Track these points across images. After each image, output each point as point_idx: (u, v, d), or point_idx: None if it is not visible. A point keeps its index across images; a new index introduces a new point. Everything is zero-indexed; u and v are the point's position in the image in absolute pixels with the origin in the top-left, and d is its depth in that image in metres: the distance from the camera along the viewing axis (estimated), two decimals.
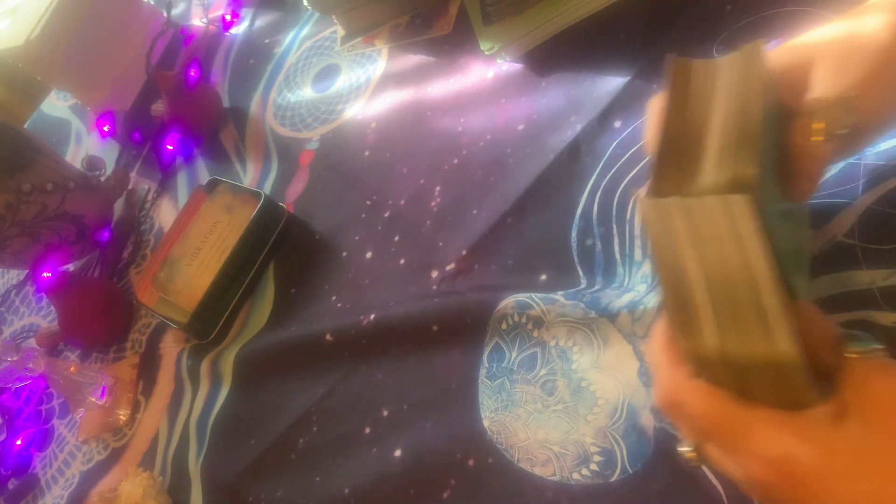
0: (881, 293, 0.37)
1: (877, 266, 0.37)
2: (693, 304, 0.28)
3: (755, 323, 0.27)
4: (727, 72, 0.32)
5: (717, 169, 0.29)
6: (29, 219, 0.80)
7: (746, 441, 0.28)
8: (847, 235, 0.39)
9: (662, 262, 0.29)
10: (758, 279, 0.27)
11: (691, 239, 0.28)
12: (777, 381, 0.27)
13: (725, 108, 0.31)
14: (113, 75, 1.06)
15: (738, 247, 0.27)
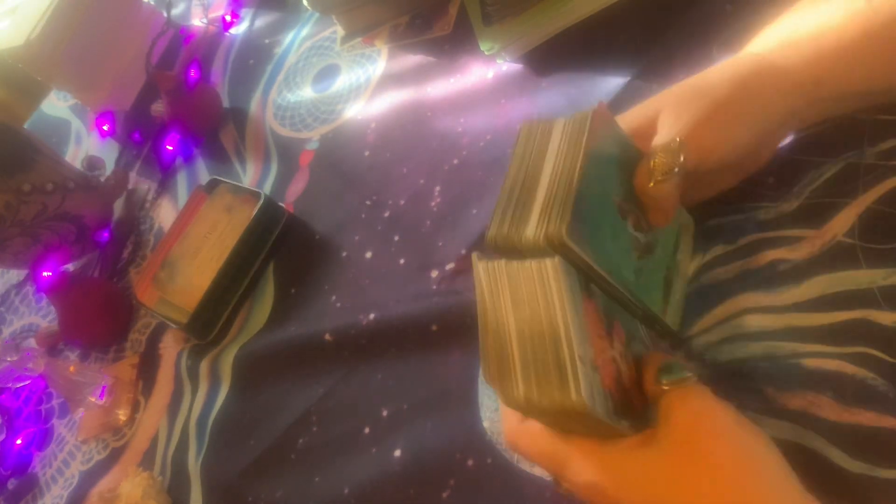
0: (881, 292, 0.37)
1: (877, 265, 0.37)
2: (507, 357, 0.32)
3: (554, 374, 0.30)
4: (558, 136, 0.37)
5: (537, 225, 0.33)
6: (29, 219, 0.80)
7: (566, 471, 0.33)
8: (847, 235, 0.39)
9: (487, 317, 0.33)
10: (560, 335, 0.31)
11: (512, 298, 0.32)
12: (582, 421, 0.31)
13: (551, 170, 0.35)
14: (113, 75, 1.06)
15: (547, 306, 0.31)
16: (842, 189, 0.40)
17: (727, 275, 0.42)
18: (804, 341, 0.38)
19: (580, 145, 0.35)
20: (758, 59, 0.39)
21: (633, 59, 0.55)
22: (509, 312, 0.32)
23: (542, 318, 0.31)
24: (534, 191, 0.35)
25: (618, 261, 0.35)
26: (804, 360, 0.38)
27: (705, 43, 0.52)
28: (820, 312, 0.38)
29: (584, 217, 0.33)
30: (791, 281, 0.40)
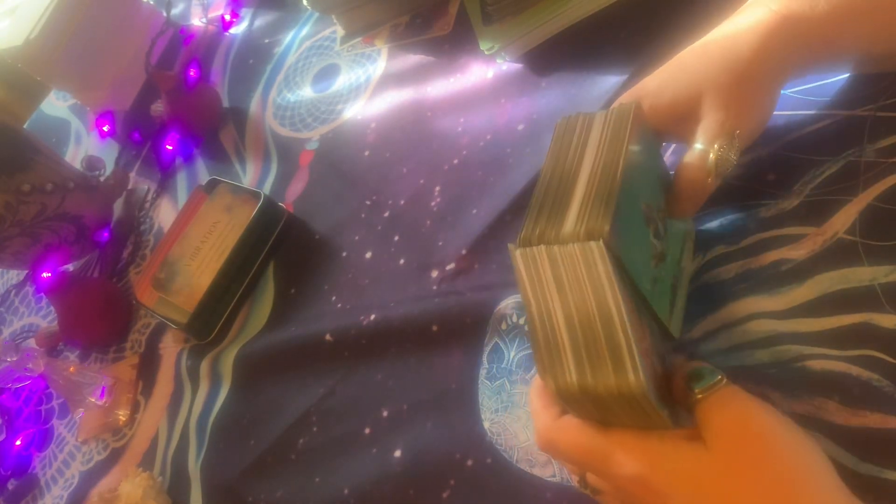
0: (882, 290, 0.37)
1: (878, 262, 0.37)
2: (557, 344, 0.31)
3: (609, 358, 0.30)
4: (599, 130, 0.36)
5: (576, 222, 0.33)
6: (28, 219, 0.80)
7: (609, 465, 0.32)
8: (848, 232, 0.39)
9: (531, 307, 0.32)
10: (612, 318, 0.30)
11: (556, 284, 0.32)
12: (631, 409, 0.31)
13: (591, 164, 0.35)
14: (112, 75, 1.05)
15: (595, 289, 0.31)
16: (842, 186, 0.40)
17: (728, 274, 0.42)
18: (809, 345, 0.38)
19: (623, 140, 0.34)
20: (779, 19, 0.37)
21: (633, 58, 0.55)
22: (554, 299, 0.32)
23: (591, 302, 0.30)
24: (572, 186, 0.34)
25: (640, 268, 0.35)
26: (810, 363, 0.38)
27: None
28: (824, 316, 0.38)
29: (622, 216, 0.33)
30: (794, 281, 0.40)
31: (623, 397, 0.30)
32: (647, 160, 0.37)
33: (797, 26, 0.37)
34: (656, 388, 0.32)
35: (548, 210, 0.34)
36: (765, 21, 0.37)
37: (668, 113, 0.38)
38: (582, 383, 0.30)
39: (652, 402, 0.30)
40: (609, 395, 0.30)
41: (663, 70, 0.40)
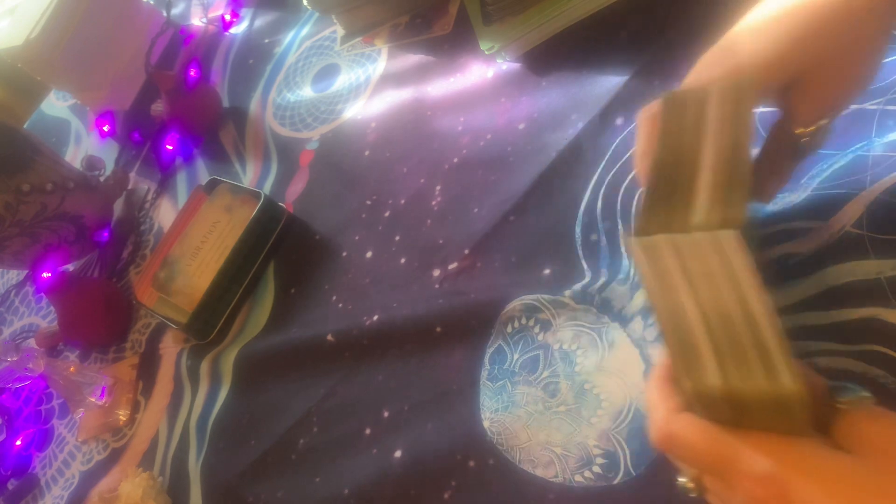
0: (889, 283, 0.37)
1: (885, 256, 0.37)
2: (693, 342, 0.28)
3: (757, 360, 0.27)
4: (718, 106, 0.32)
5: (708, 209, 0.30)
6: (28, 219, 0.80)
7: (738, 462, 0.28)
8: (855, 226, 0.39)
9: (659, 302, 0.29)
10: (755, 315, 0.27)
11: (684, 276, 0.28)
12: (777, 417, 0.27)
13: (716, 145, 0.31)
14: (112, 75, 1.05)
15: (732, 283, 0.27)
16: (850, 180, 0.40)
17: None
18: (815, 339, 0.38)
19: (747, 118, 0.31)
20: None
21: (633, 57, 0.55)
22: (685, 293, 0.29)
23: (728, 297, 0.27)
24: (695, 170, 0.31)
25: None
26: (816, 359, 0.38)
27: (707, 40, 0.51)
28: (831, 310, 0.38)
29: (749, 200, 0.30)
30: (800, 274, 0.40)
31: (775, 402, 0.27)
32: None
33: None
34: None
35: (667, 197, 0.31)
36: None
37: (764, 83, 0.34)
38: (726, 387, 0.27)
39: (806, 409, 0.27)
40: (758, 400, 0.27)
41: (760, 30, 0.34)
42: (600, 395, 0.44)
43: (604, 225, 0.49)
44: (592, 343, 0.46)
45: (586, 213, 0.51)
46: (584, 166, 0.53)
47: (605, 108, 0.54)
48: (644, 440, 0.41)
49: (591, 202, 0.51)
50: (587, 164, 0.53)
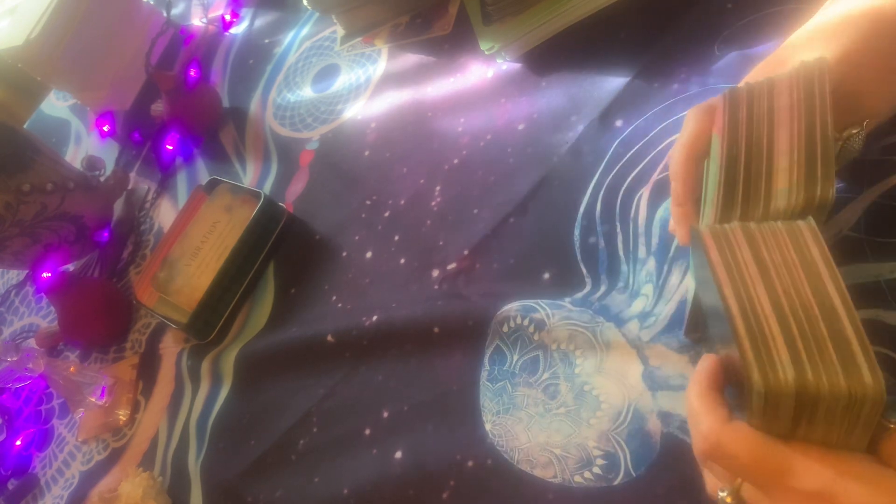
0: (888, 286, 0.37)
1: (883, 259, 0.37)
2: (766, 334, 0.27)
3: (835, 354, 0.26)
4: (788, 91, 0.32)
5: (788, 193, 0.29)
6: (28, 219, 0.80)
7: (786, 476, 0.27)
8: (853, 229, 0.39)
9: (727, 293, 0.28)
10: (835, 308, 0.26)
11: (759, 266, 0.27)
12: (842, 421, 0.26)
13: (790, 131, 0.31)
14: (112, 75, 1.05)
15: (810, 274, 0.26)
16: (847, 184, 0.40)
17: None
18: None
19: (820, 98, 0.30)
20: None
21: (633, 57, 0.55)
22: (757, 283, 0.27)
23: (806, 288, 0.26)
24: (770, 157, 0.30)
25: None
26: None
27: (706, 41, 0.51)
28: None
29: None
30: None
31: (849, 400, 0.25)
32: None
33: None
34: None
35: (745, 189, 0.30)
36: None
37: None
38: (801, 381, 0.25)
39: (879, 410, 0.25)
40: (832, 396, 0.25)
41: (805, 41, 0.35)
42: (599, 397, 0.44)
43: (602, 228, 0.49)
44: (589, 344, 0.46)
45: (585, 216, 0.51)
46: (584, 168, 0.53)
47: (605, 110, 0.54)
48: (644, 441, 0.41)
49: (590, 205, 0.51)
50: (586, 167, 0.53)
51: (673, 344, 0.43)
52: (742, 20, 0.50)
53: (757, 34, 0.49)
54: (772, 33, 0.48)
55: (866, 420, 0.26)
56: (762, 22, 0.49)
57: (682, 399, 0.41)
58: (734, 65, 0.49)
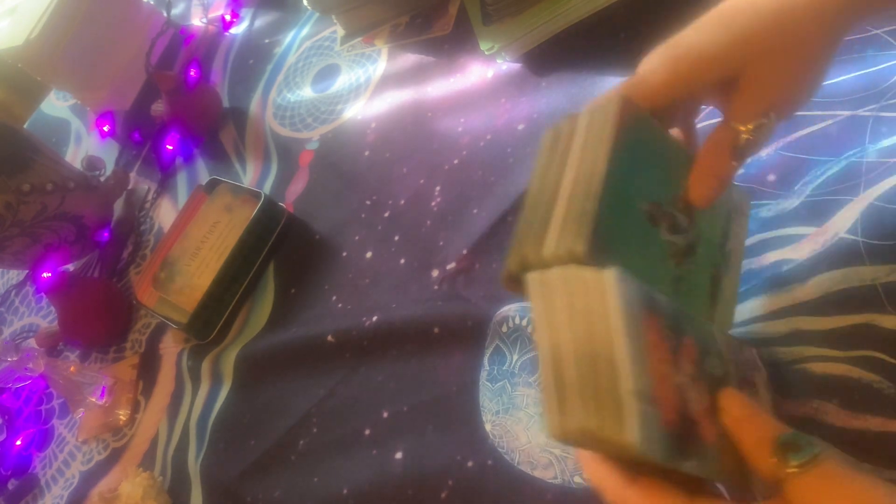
0: (884, 289, 0.37)
1: (879, 262, 0.37)
2: (563, 378, 0.28)
3: (612, 406, 0.26)
4: (584, 132, 0.32)
5: (557, 242, 0.29)
6: (28, 219, 0.80)
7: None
8: (849, 232, 0.39)
9: (541, 336, 0.29)
10: (616, 361, 0.26)
11: (568, 311, 0.28)
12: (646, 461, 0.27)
13: (574, 174, 0.31)
14: (112, 75, 1.05)
15: (605, 324, 0.27)
16: (844, 186, 0.40)
17: None
18: (810, 345, 0.38)
19: (604, 143, 0.30)
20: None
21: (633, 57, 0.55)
22: (565, 327, 0.28)
23: (600, 337, 0.27)
24: (553, 201, 0.30)
25: (651, 274, 0.31)
26: (810, 365, 0.38)
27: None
28: (826, 316, 0.38)
29: (610, 228, 0.29)
30: (795, 281, 0.40)
31: (624, 450, 0.26)
32: (646, 153, 0.32)
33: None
34: (683, 428, 0.27)
35: (532, 229, 0.31)
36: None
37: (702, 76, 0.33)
38: (584, 427, 0.27)
39: (655, 460, 0.26)
40: (611, 445, 0.26)
41: (703, 25, 0.34)
42: None
43: None
44: None
45: None
46: None
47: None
48: None
49: None
50: None
51: None
52: None
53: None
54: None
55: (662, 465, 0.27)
56: None
57: None
58: None
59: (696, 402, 0.29)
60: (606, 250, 0.29)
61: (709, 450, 0.28)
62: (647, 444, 0.26)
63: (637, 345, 0.27)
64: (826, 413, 0.36)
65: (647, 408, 0.26)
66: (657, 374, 0.27)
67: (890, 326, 0.36)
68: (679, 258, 0.33)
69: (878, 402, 0.35)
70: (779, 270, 0.41)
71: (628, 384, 0.26)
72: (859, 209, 0.39)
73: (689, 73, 0.33)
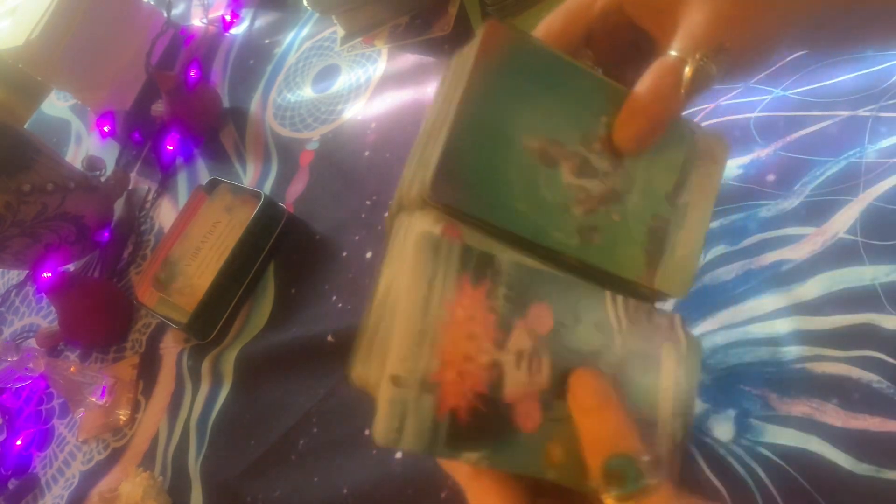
0: (883, 290, 0.37)
1: (879, 262, 0.37)
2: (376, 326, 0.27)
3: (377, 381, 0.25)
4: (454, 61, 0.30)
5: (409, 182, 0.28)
6: (29, 219, 0.80)
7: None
8: (849, 232, 0.39)
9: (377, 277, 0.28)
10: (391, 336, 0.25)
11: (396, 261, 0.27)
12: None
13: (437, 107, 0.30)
14: (113, 75, 1.05)
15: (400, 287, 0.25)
16: (843, 187, 0.40)
17: (729, 275, 0.42)
18: (810, 344, 0.38)
19: (465, 72, 0.28)
20: None
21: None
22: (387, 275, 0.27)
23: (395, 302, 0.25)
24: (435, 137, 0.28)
25: (541, 220, 0.27)
26: (810, 365, 0.38)
27: None
28: (826, 316, 0.38)
29: (470, 167, 0.27)
30: (794, 281, 0.40)
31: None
32: (534, 84, 0.28)
33: None
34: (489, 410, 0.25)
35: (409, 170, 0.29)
36: None
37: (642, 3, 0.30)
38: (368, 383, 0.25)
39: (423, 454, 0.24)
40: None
41: None
42: None
43: None
44: None
45: None
46: None
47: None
48: None
49: None
50: None
51: None
52: None
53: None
54: None
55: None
56: None
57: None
58: None
59: (521, 383, 0.25)
60: (461, 192, 0.26)
61: (522, 440, 0.25)
62: (390, 436, 0.24)
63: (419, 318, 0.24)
64: (825, 412, 0.36)
65: (411, 393, 0.24)
66: (451, 353, 0.24)
67: (890, 326, 0.36)
68: (591, 205, 0.29)
69: (877, 402, 0.35)
70: (778, 270, 0.41)
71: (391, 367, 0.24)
72: (859, 209, 0.39)
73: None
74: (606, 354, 0.27)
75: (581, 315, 0.27)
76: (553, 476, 0.26)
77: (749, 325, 0.40)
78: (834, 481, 0.34)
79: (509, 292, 0.26)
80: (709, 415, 0.39)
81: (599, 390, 0.26)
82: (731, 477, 0.37)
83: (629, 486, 0.24)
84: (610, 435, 0.25)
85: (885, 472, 0.34)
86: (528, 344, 0.26)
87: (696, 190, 0.31)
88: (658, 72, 0.28)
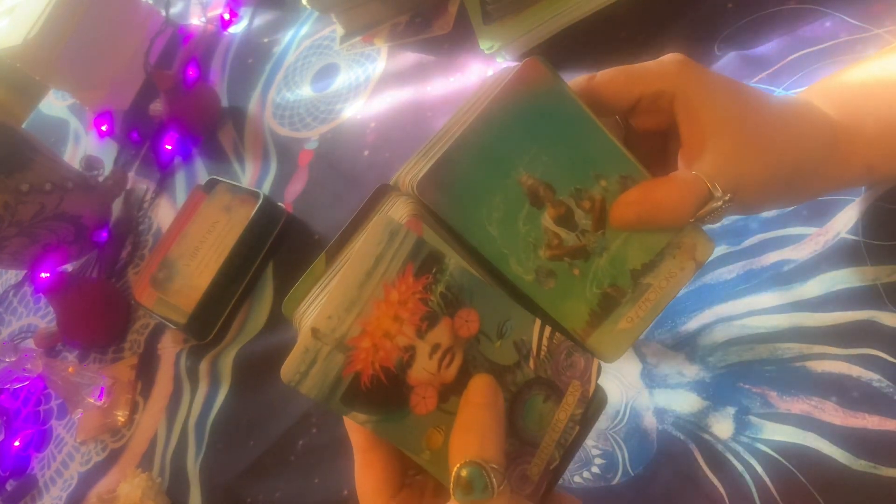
0: (885, 289, 0.37)
1: (881, 262, 0.37)
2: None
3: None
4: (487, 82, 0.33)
5: (407, 171, 0.31)
6: (27, 219, 0.79)
7: None
8: (851, 232, 0.39)
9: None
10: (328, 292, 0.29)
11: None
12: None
13: (457, 116, 0.32)
14: (111, 75, 1.05)
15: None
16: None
17: (730, 275, 0.42)
18: (810, 342, 0.38)
19: (490, 96, 0.30)
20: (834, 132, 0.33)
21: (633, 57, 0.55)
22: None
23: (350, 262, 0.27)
24: (445, 139, 0.31)
25: (506, 248, 0.30)
26: (810, 363, 0.37)
27: (707, 41, 0.51)
28: (826, 313, 0.38)
29: (464, 180, 0.29)
30: (796, 280, 0.40)
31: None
32: (550, 129, 0.30)
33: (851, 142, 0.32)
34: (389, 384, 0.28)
35: (420, 157, 0.32)
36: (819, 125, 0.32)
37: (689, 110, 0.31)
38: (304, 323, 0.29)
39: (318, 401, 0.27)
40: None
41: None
42: None
43: None
44: None
45: None
46: None
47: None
48: (641, 439, 0.41)
49: None
50: None
51: (667, 340, 0.43)
52: (742, 20, 0.50)
53: (757, 34, 0.49)
54: (772, 33, 0.48)
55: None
56: (762, 22, 0.49)
57: (677, 396, 0.41)
58: (734, 65, 0.49)
59: (428, 371, 0.28)
60: (444, 198, 0.29)
61: (410, 419, 0.28)
62: (294, 377, 0.27)
63: (356, 288, 0.27)
64: (824, 410, 0.36)
65: (325, 347, 0.27)
66: (374, 326, 0.27)
67: (891, 323, 0.36)
68: (557, 253, 0.31)
69: (876, 401, 0.35)
70: (780, 270, 0.40)
71: (315, 321, 0.27)
72: (860, 209, 0.39)
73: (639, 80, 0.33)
74: (516, 372, 0.30)
75: (506, 332, 0.30)
76: (426, 459, 0.28)
77: (747, 319, 0.40)
78: (830, 477, 0.34)
79: (447, 292, 0.28)
80: (708, 412, 0.39)
81: (489, 393, 0.28)
82: (729, 473, 0.37)
83: (475, 495, 0.26)
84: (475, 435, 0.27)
85: (881, 468, 0.34)
86: (447, 341, 0.28)
87: (663, 276, 0.33)
88: (687, 186, 0.30)
